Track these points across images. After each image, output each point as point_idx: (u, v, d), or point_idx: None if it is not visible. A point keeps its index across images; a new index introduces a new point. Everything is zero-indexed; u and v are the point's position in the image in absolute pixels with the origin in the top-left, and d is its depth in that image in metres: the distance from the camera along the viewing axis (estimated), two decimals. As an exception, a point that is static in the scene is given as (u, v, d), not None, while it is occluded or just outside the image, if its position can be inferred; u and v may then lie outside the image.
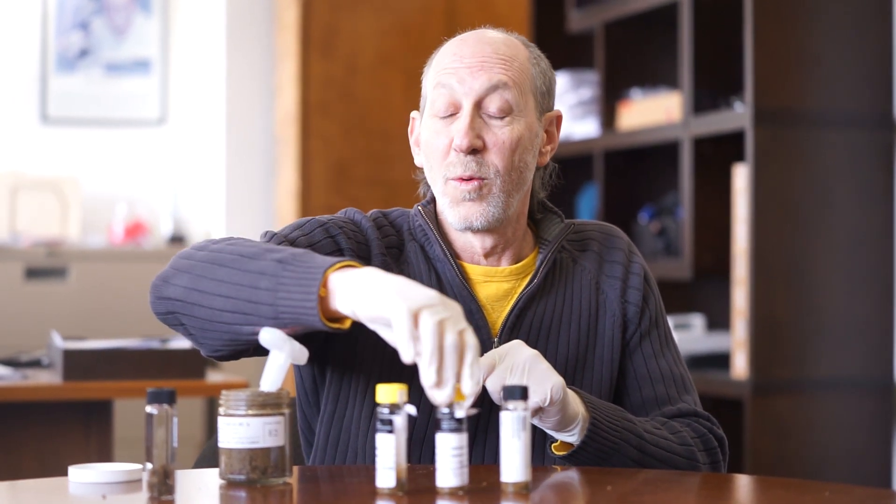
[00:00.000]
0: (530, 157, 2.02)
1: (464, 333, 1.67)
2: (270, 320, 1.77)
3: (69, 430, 3.40)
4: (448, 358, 1.65)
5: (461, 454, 1.68)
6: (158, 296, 1.89)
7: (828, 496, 1.75)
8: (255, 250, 1.83)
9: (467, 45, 2.01)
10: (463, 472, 1.68)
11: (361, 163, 5.84)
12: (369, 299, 1.70)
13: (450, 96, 1.99)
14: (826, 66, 3.82)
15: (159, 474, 1.68)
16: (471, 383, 1.66)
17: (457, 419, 1.68)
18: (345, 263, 1.76)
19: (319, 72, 5.82)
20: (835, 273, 3.81)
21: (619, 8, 4.48)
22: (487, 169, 1.98)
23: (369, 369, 1.99)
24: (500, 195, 1.98)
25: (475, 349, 1.67)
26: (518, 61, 2.00)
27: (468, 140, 1.96)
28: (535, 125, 2.02)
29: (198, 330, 1.86)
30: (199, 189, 6.20)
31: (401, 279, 1.72)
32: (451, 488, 1.68)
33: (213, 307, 1.82)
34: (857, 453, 3.82)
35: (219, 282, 1.82)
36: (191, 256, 1.88)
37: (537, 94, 2.02)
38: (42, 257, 5.59)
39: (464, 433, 1.68)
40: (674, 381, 2.07)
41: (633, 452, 1.92)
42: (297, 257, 1.79)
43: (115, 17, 6.14)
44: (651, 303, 2.10)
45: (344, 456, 2.00)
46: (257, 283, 1.78)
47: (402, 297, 1.67)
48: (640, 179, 4.59)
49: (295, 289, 1.75)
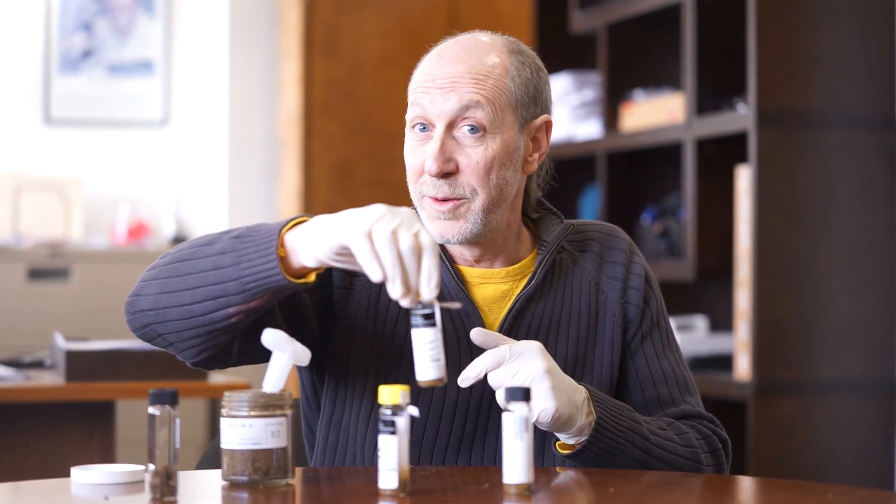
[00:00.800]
0: (510, 172, 1.99)
1: (418, 235, 1.70)
2: (238, 295, 1.80)
3: (72, 430, 3.40)
4: (408, 264, 1.69)
5: (435, 347, 1.71)
6: (132, 312, 1.91)
7: (831, 498, 1.75)
8: (211, 237, 1.86)
9: (442, 64, 1.99)
10: (440, 366, 1.71)
11: (364, 164, 5.84)
12: (324, 239, 1.74)
13: (424, 116, 1.99)
14: (829, 68, 3.82)
15: (162, 475, 1.68)
16: (428, 290, 1.69)
17: (427, 315, 1.70)
18: (297, 221, 1.79)
19: (322, 73, 5.82)
20: (838, 274, 3.81)
21: (622, 9, 4.48)
22: (463, 189, 1.97)
23: (365, 372, 1.99)
24: (479, 213, 1.97)
25: (431, 249, 1.70)
26: (494, 76, 1.97)
27: (437, 165, 1.96)
28: (513, 140, 1.99)
29: (175, 335, 1.87)
30: (201, 190, 6.20)
31: (346, 211, 1.75)
32: (430, 381, 1.71)
33: (183, 304, 1.84)
34: (860, 455, 3.82)
35: (184, 276, 1.84)
36: (154, 266, 1.91)
37: (518, 106, 1.99)
38: (45, 258, 5.59)
39: (437, 326, 1.71)
40: (676, 383, 2.07)
41: (638, 453, 1.92)
42: (251, 229, 1.82)
43: (119, 18, 6.14)
44: (652, 303, 2.09)
45: (343, 459, 2.01)
46: (220, 263, 1.81)
47: (353, 222, 1.71)
48: (642, 181, 4.59)
49: (254, 256, 1.78)
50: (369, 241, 1.69)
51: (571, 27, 4.79)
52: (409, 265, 1.69)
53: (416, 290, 1.69)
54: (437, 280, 1.69)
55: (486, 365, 1.85)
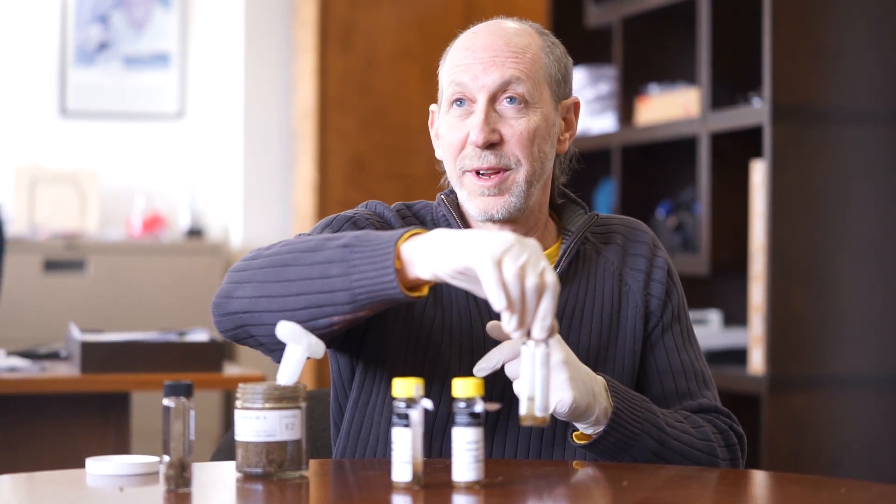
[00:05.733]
0: (548, 146, 2.02)
1: (544, 274, 1.70)
2: (346, 305, 1.79)
3: (87, 422, 3.41)
4: (529, 302, 1.70)
5: (477, 448, 1.68)
6: (223, 313, 1.90)
7: (844, 492, 1.75)
8: (313, 244, 1.84)
9: (479, 40, 2.01)
10: (479, 467, 1.69)
11: (379, 157, 5.84)
12: (449, 256, 1.73)
13: (463, 93, 2.00)
14: (845, 62, 3.82)
15: (176, 467, 1.68)
16: (541, 329, 1.71)
17: (474, 413, 1.68)
18: (412, 233, 1.78)
19: (338, 66, 5.82)
20: (852, 269, 3.80)
21: (638, 3, 4.48)
22: (508, 159, 1.99)
23: (394, 357, 2.00)
24: (523, 185, 1.99)
25: (553, 289, 1.71)
26: (530, 52, 2.00)
27: (483, 135, 1.97)
28: (551, 115, 2.02)
29: (269, 338, 1.86)
30: (216, 182, 6.21)
31: (470, 231, 1.75)
32: (467, 483, 1.68)
33: (284, 309, 1.83)
34: (873, 449, 3.82)
35: (286, 282, 1.83)
36: (247, 268, 1.88)
37: (552, 82, 2.03)
38: (60, 250, 5.61)
39: (480, 427, 1.69)
40: (694, 376, 2.07)
41: (654, 444, 1.93)
42: (360, 239, 1.80)
43: (134, 10, 6.15)
44: (674, 297, 2.11)
45: (366, 443, 2.01)
46: (328, 272, 1.80)
47: (483, 247, 1.71)
48: (657, 175, 4.59)
49: (368, 267, 1.77)
50: (498, 269, 1.69)
51: (586, 21, 4.79)
52: (531, 303, 1.70)
53: (529, 328, 1.71)
54: (549, 322, 1.71)
55: (504, 356, 1.86)
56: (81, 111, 6.09)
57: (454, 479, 1.69)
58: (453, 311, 2.01)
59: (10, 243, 5.20)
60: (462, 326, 2.00)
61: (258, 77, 6.12)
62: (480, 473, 1.69)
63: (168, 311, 5.63)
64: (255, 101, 6.12)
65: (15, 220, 5.76)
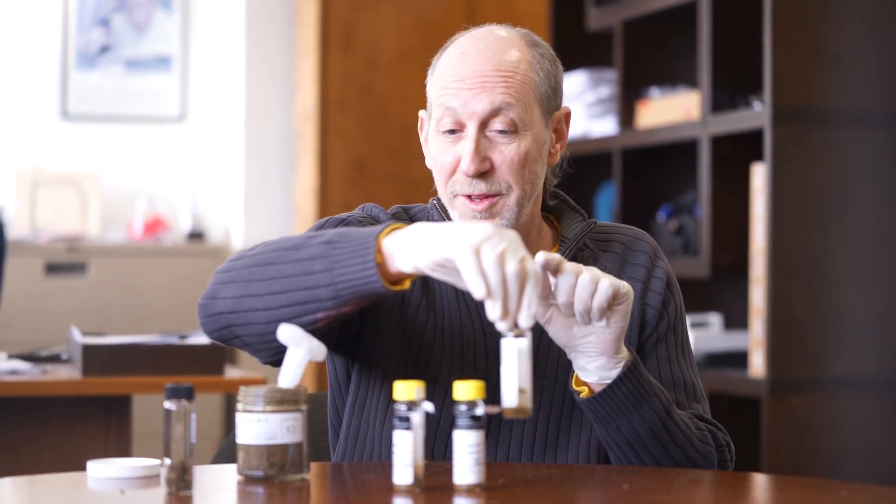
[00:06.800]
0: (539, 166, 2.01)
1: (524, 262, 1.70)
2: (330, 301, 1.79)
3: (88, 425, 3.41)
4: (511, 289, 1.69)
5: (478, 451, 1.69)
6: (208, 314, 1.90)
7: (845, 495, 1.75)
8: (295, 242, 1.85)
9: (468, 63, 1.98)
10: (480, 470, 1.69)
11: (380, 159, 5.84)
12: (429, 248, 1.73)
13: (453, 117, 1.99)
14: (845, 65, 3.82)
15: (177, 470, 1.69)
16: (526, 317, 1.69)
17: (475, 416, 1.69)
18: (392, 227, 1.78)
19: (339, 68, 5.82)
20: (853, 272, 3.81)
21: (638, 6, 4.48)
22: (499, 185, 1.97)
23: (388, 359, 2.00)
24: (514, 208, 1.98)
25: (535, 277, 1.70)
26: (520, 73, 1.98)
27: (475, 166, 1.96)
28: (542, 134, 2.01)
29: (255, 337, 1.86)
30: (218, 185, 6.21)
31: (449, 224, 1.76)
32: (467, 486, 1.68)
33: (268, 307, 1.83)
34: (874, 452, 3.82)
35: (270, 280, 1.83)
36: (231, 268, 1.89)
37: (542, 100, 2.00)
38: (62, 253, 5.61)
39: (481, 430, 1.69)
40: (684, 388, 2.04)
41: (661, 411, 1.89)
42: (342, 235, 1.81)
43: (136, 13, 6.16)
44: (671, 308, 2.08)
45: (364, 445, 2.01)
46: (310, 268, 1.80)
47: (461, 237, 1.71)
48: (658, 178, 4.59)
49: (350, 262, 1.77)
50: (476, 258, 1.69)
51: (587, 24, 4.79)
52: (512, 290, 1.69)
53: (514, 317, 1.70)
54: (535, 310, 1.70)
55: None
56: (83, 114, 6.09)
57: (455, 482, 1.69)
58: (445, 316, 2.01)
59: (11, 246, 5.20)
60: (454, 331, 2.00)
61: (259, 79, 6.13)
62: (481, 476, 1.69)
63: (169, 314, 5.63)
64: (256, 103, 6.12)
65: (16, 223, 5.77)
